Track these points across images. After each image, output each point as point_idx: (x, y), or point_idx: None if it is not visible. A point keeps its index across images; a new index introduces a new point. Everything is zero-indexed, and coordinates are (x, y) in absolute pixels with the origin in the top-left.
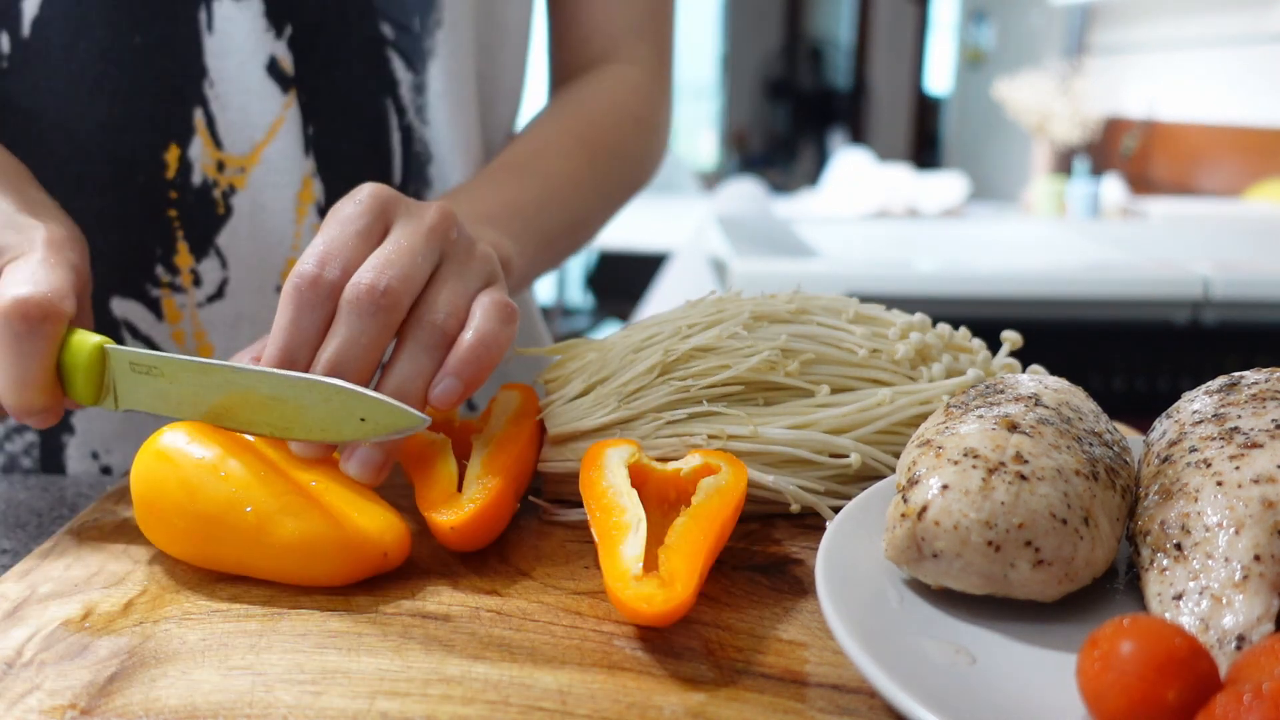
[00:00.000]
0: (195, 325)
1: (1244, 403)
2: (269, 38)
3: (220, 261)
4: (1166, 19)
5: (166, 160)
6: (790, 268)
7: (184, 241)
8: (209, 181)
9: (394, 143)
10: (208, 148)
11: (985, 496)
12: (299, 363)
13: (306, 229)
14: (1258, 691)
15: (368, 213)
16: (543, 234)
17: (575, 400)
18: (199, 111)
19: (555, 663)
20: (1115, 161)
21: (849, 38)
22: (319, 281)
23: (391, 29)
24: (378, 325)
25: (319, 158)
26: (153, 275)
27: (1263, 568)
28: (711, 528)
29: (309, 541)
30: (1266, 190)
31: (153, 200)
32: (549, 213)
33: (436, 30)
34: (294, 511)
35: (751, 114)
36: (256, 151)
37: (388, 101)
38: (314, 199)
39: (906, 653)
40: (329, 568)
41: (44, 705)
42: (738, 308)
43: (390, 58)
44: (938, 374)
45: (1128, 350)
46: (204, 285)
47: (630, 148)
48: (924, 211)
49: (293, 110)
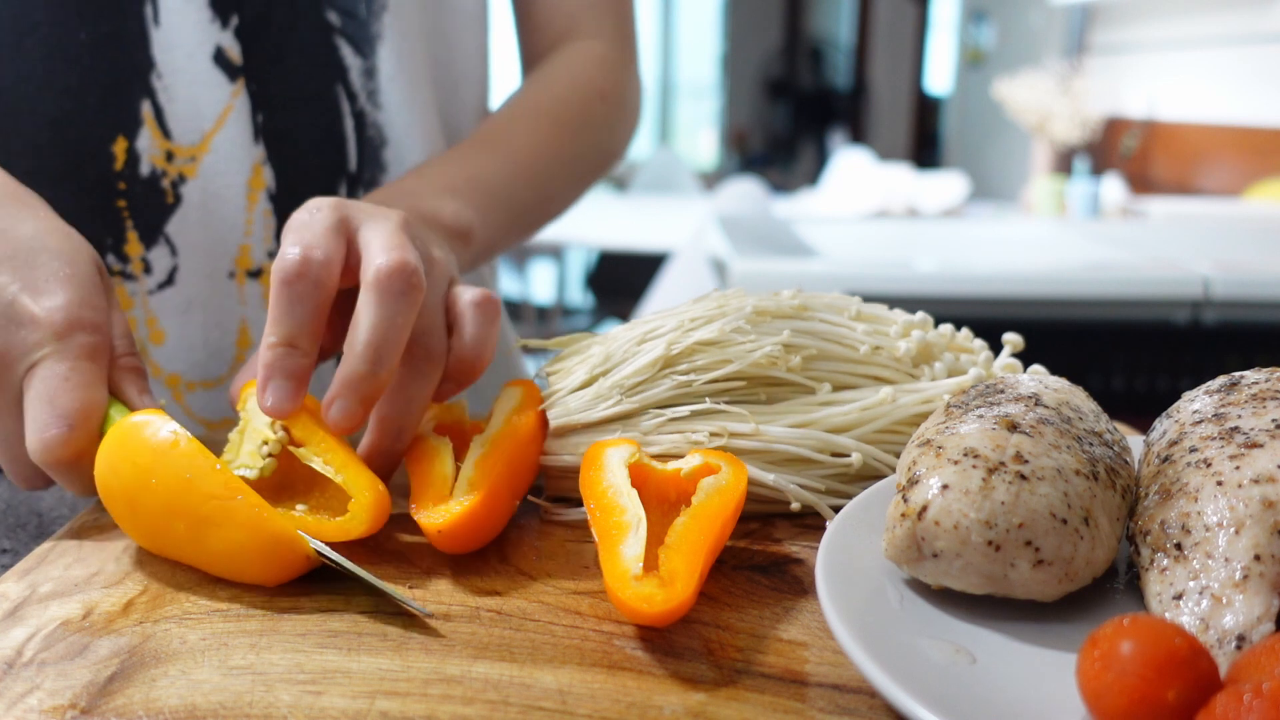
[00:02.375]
0: (147, 312)
1: (1244, 403)
2: (214, 29)
3: (170, 249)
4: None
5: (114, 152)
6: (790, 268)
7: (133, 230)
8: (157, 172)
9: (347, 129)
10: (156, 138)
11: (985, 496)
12: (300, 349)
13: (258, 215)
14: (1258, 691)
15: (330, 215)
16: (508, 206)
17: (577, 392)
18: (146, 103)
19: (555, 662)
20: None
21: (849, 38)
22: (306, 272)
23: (338, 16)
24: (410, 304)
25: (269, 145)
26: (104, 264)
27: (1263, 567)
28: (711, 528)
29: (233, 550)
30: (1266, 190)
31: (102, 191)
32: (515, 185)
33: (383, 14)
34: (217, 521)
35: (751, 114)
36: (206, 140)
37: (338, 88)
38: (264, 185)
39: (906, 653)
40: (260, 572)
41: (44, 705)
42: (741, 303)
43: (339, 44)
44: (939, 373)
45: (1128, 350)
46: (154, 273)
47: (597, 120)
48: (924, 211)
49: (241, 98)
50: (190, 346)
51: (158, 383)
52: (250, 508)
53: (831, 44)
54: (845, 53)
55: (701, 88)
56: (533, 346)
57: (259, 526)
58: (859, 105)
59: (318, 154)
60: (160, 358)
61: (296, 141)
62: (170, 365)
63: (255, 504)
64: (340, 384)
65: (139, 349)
